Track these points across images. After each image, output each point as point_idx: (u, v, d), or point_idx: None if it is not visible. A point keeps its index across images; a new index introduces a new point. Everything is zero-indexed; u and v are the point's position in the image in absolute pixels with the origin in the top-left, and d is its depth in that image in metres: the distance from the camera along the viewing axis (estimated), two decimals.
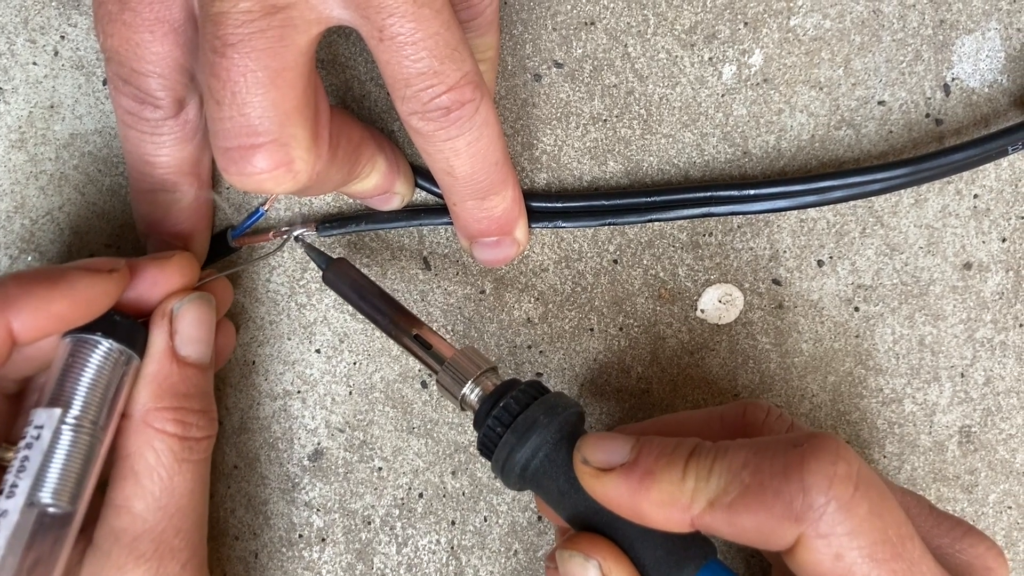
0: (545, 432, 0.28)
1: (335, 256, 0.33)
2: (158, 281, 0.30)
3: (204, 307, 0.30)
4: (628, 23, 0.35)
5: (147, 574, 0.28)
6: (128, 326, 0.28)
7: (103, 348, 0.28)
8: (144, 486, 0.28)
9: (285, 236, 0.34)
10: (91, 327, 0.28)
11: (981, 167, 0.35)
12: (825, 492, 0.23)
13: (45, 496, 0.26)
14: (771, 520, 0.23)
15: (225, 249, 0.35)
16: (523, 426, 0.28)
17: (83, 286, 0.27)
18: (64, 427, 0.27)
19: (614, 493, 0.26)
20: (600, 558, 0.26)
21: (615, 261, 0.36)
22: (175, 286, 0.30)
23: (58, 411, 0.27)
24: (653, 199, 0.35)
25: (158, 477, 0.28)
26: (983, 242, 0.36)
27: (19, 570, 0.25)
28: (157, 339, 0.29)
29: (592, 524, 0.27)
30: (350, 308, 0.36)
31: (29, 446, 0.26)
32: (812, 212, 0.36)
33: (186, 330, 0.30)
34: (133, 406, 0.29)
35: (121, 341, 0.28)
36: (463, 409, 0.30)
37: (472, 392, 0.30)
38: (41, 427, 0.26)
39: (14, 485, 0.26)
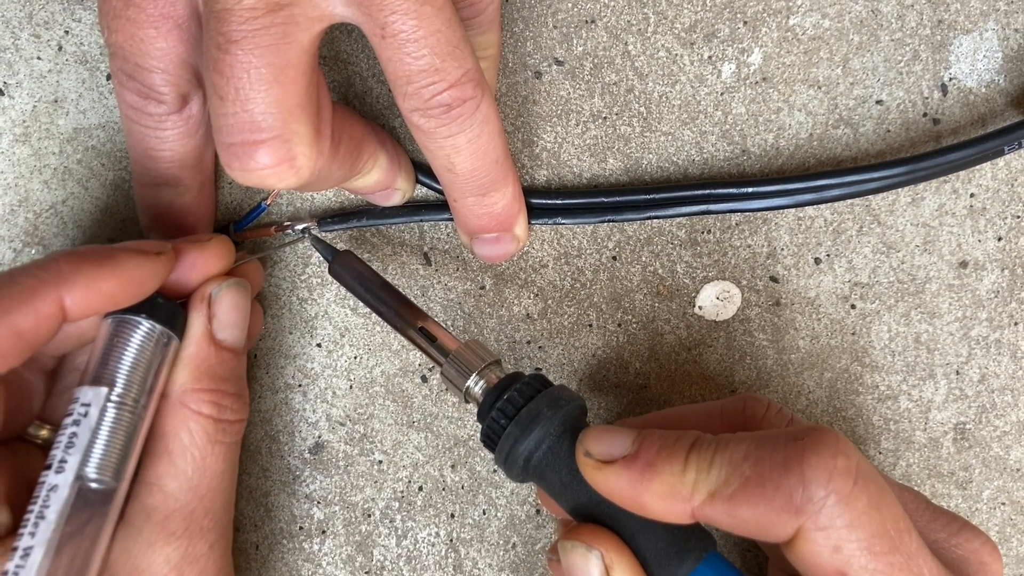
0: (548, 425, 0.28)
1: (344, 249, 0.34)
2: (197, 264, 0.30)
3: (241, 293, 0.31)
4: (628, 21, 0.35)
5: (176, 552, 0.29)
6: (169, 308, 0.29)
7: (145, 328, 0.28)
8: (177, 465, 0.29)
9: (302, 230, 0.35)
10: (134, 308, 0.28)
11: (978, 166, 0.36)
12: (825, 485, 0.23)
13: (91, 471, 0.26)
14: (771, 512, 0.24)
15: None
16: (527, 419, 0.28)
17: (132, 267, 0.27)
18: (109, 405, 0.27)
19: (616, 485, 0.26)
20: (602, 549, 0.26)
21: (614, 258, 0.36)
22: (213, 270, 0.30)
23: (104, 389, 0.27)
24: (652, 196, 0.35)
25: (191, 457, 0.29)
26: (979, 241, 0.36)
27: (64, 544, 0.26)
28: (196, 322, 0.30)
29: (594, 516, 0.28)
30: (351, 303, 0.36)
31: (76, 423, 0.27)
32: (810, 210, 0.36)
33: (224, 314, 0.30)
34: (171, 387, 0.29)
35: (162, 322, 0.28)
36: (467, 401, 0.31)
37: (476, 385, 0.30)
38: (88, 404, 0.27)
39: (63, 461, 0.26)
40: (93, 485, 0.27)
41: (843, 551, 0.23)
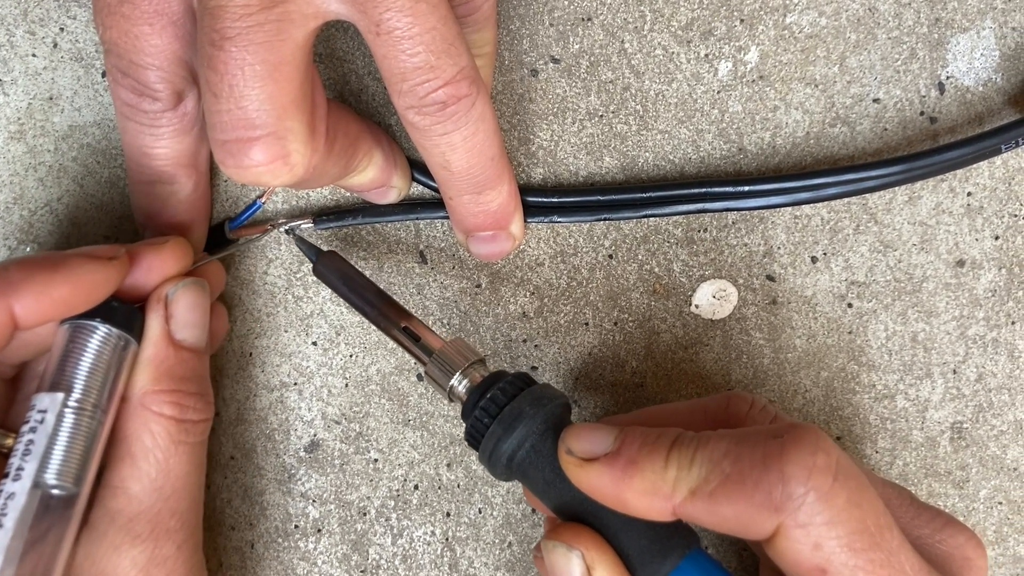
0: (531, 423, 0.28)
1: (328, 249, 0.34)
2: (154, 267, 0.30)
3: (198, 292, 0.30)
4: (625, 19, 0.35)
5: (143, 555, 0.28)
6: (125, 311, 0.29)
7: (101, 333, 0.28)
8: (141, 468, 0.29)
9: (273, 227, 0.35)
10: (90, 313, 0.28)
11: (975, 165, 0.36)
12: (804, 483, 0.23)
13: (50, 478, 0.26)
14: (751, 509, 0.24)
15: (223, 241, 0.35)
16: (509, 417, 0.28)
17: (84, 273, 0.27)
18: (67, 411, 0.27)
19: (597, 482, 0.26)
20: (583, 548, 0.26)
21: (610, 256, 0.36)
22: (170, 271, 0.30)
23: (60, 395, 0.27)
24: (649, 195, 0.35)
25: (154, 459, 0.29)
26: (976, 240, 0.36)
27: (27, 551, 0.25)
28: (153, 324, 0.30)
29: (577, 514, 0.28)
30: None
31: (33, 430, 0.27)
32: (806, 209, 0.36)
33: (181, 315, 0.30)
34: (131, 389, 0.29)
35: (119, 326, 0.28)
36: (451, 400, 0.31)
37: (460, 383, 0.30)
38: (44, 411, 0.27)
39: (20, 468, 0.26)
40: (54, 491, 0.26)
41: (823, 548, 0.23)
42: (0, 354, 0.28)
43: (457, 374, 0.30)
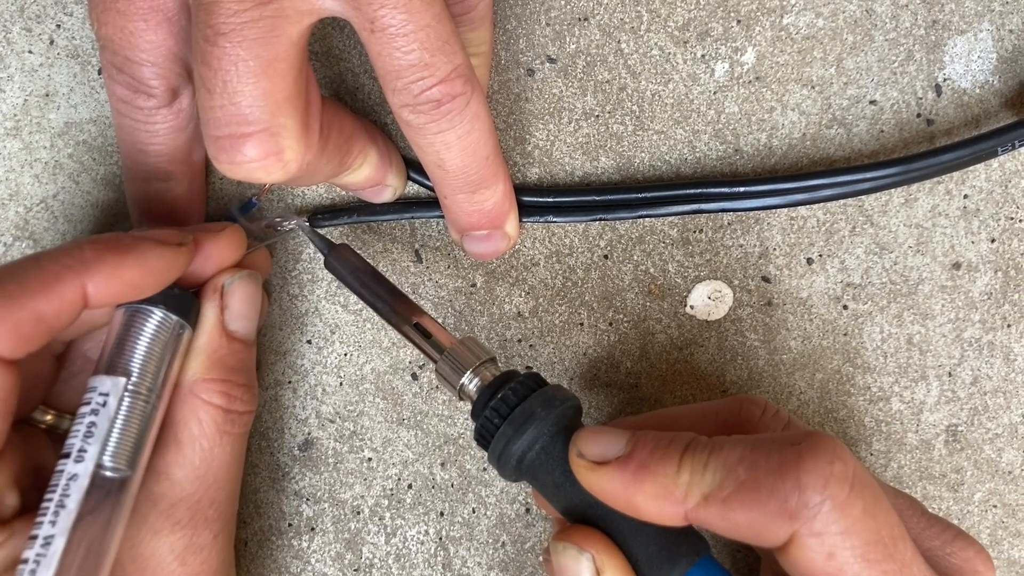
0: (542, 425, 0.28)
1: (340, 242, 0.33)
2: (212, 254, 0.30)
3: (253, 285, 0.31)
4: (621, 19, 0.35)
5: (181, 541, 0.29)
6: (183, 297, 0.29)
7: (159, 318, 0.28)
8: (185, 455, 0.29)
9: (297, 223, 0.35)
10: (149, 298, 0.28)
11: (971, 167, 0.36)
12: (820, 491, 0.23)
13: (106, 459, 0.27)
14: (765, 517, 0.23)
15: None
16: (520, 418, 0.28)
17: (154, 257, 0.27)
18: (125, 394, 0.27)
19: (609, 486, 0.26)
20: (593, 551, 0.26)
21: (606, 256, 0.36)
22: (227, 260, 0.30)
23: (123, 380, 0.27)
24: (644, 195, 0.35)
25: (199, 447, 0.29)
26: (972, 242, 0.36)
27: (73, 528, 0.26)
28: (209, 313, 0.30)
29: (587, 517, 0.27)
30: (342, 299, 0.36)
31: (95, 412, 0.27)
32: (802, 210, 0.36)
33: (236, 306, 0.30)
34: (182, 376, 0.29)
35: (176, 312, 0.29)
36: (461, 399, 0.30)
37: (471, 382, 0.30)
38: (107, 394, 0.27)
39: (82, 450, 0.26)
40: (108, 474, 0.27)
41: (837, 558, 0.23)
42: (64, 331, 0.28)
43: (468, 372, 0.30)
